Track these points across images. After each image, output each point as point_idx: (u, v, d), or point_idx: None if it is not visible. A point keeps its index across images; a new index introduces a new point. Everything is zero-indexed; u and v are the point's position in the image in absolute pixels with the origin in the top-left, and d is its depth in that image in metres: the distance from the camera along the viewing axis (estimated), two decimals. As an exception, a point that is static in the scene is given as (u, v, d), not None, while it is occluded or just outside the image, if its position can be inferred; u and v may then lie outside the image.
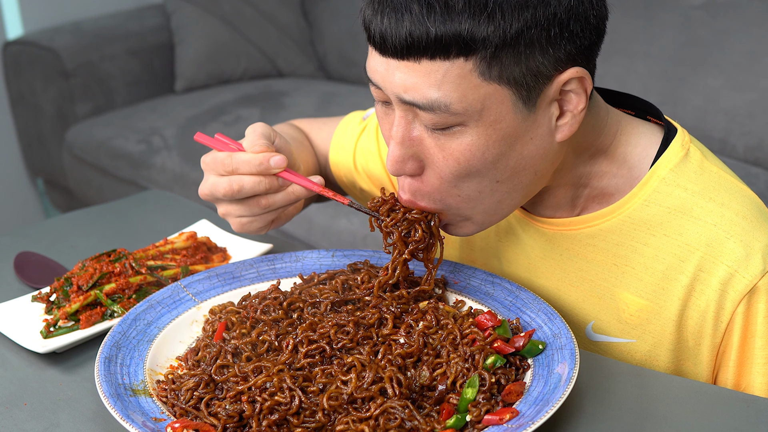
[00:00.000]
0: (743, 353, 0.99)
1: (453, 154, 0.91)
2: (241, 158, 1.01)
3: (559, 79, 0.90)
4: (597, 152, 1.02)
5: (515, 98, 0.89)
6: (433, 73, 0.87)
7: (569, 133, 0.94)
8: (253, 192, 1.02)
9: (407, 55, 0.88)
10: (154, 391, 0.93)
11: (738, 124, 2.48)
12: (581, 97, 0.93)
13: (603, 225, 1.03)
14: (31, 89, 3.22)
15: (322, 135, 1.32)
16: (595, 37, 0.93)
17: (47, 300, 1.13)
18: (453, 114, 0.89)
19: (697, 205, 0.99)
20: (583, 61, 0.92)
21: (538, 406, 0.85)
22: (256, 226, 1.06)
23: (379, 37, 0.89)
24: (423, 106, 0.89)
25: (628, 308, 1.03)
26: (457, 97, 0.88)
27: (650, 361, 1.04)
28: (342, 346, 0.94)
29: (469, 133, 0.90)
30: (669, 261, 1.00)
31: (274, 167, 1.01)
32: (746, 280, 0.96)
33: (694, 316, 1.00)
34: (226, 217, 1.07)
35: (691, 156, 1.02)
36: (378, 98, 0.96)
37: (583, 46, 0.91)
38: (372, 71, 0.93)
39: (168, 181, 2.85)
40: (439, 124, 0.90)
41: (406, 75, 0.89)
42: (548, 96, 0.91)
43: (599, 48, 0.95)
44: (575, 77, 0.91)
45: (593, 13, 0.91)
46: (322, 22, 3.43)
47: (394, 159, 0.94)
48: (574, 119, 0.93)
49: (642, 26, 2.65)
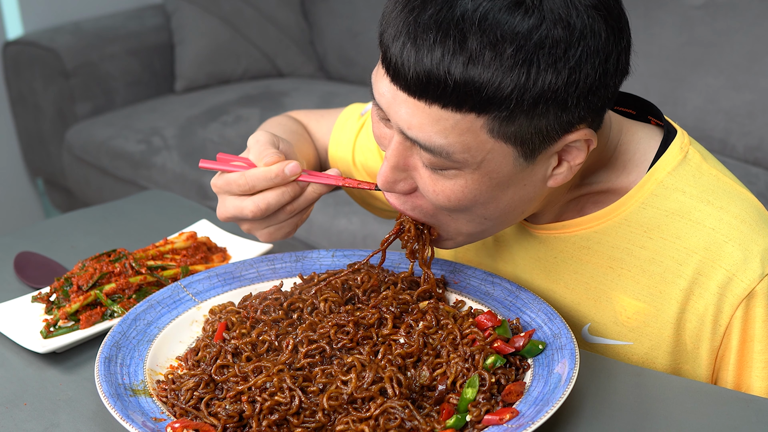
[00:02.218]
0: (742, 357, 0.99)
1: (444, 191, 0.91)
2: (255, 175, 0.99)
3: (566, 139, 0.89)
4: (599, 166, 1.02)
5: (517, 155, 0.88)
6: (441, 121, 0.85)
7: (562, 182, 0.93)
8: (279, 205, 1.00)
9: (419, 95, 0.84)
10: (154, 391, 0.93)
11: (738, 124, 2.48)
12: (582, 153, 0.91)
13: (598, 227, 1.03)
14: (31, 89, 3.22)
15: (321, 128, 1.31)
16: (611, 97, 0.90)
17: (47, 300, 1.13)
18: (452, 161, 0.87)
19: (695, 208, 0.99)
20: (593, 119, 0.90)
21: (538, 406, 0.85)
22: (284, 232, 1.05)
23: (393, 65, 0.85)
24: (424, 147, 0.88)
25: (625, 311, 1.03)
26: (460, 148, 0.86)
27: (647, 364, 1.04)
28: (342, 346, 0.94)
29: (463, 177, 0.89)
30: (667, 264, 1.00)
31: (290, 175, 0.99)
32: (744, 284, 0.96)
33: (693, 320, 0.99)
34: (252, 232, 1.05)
35: (690, 159, 1.01)
36: (378, 115, 0.94)
37: (595, 108, 0.89)
38: (378, 93, 0.90)
39: (168, 181, 2.85)
40: (436, 165, 0.89)
41: (413, 112, 0.86)
42: (550, 152, 0.90)
43: (612, 106, 0.93)
44: (582, 138, 0.90)
45: (615, 80, 0.88)
46: (322, 22, 3.43)
47: (385, 179, 0.93)
48: (570, 171, 0.93)
49: (642, 26, 2.64)
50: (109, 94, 3.24)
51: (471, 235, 0.99)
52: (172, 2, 3.31)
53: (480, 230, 0.97)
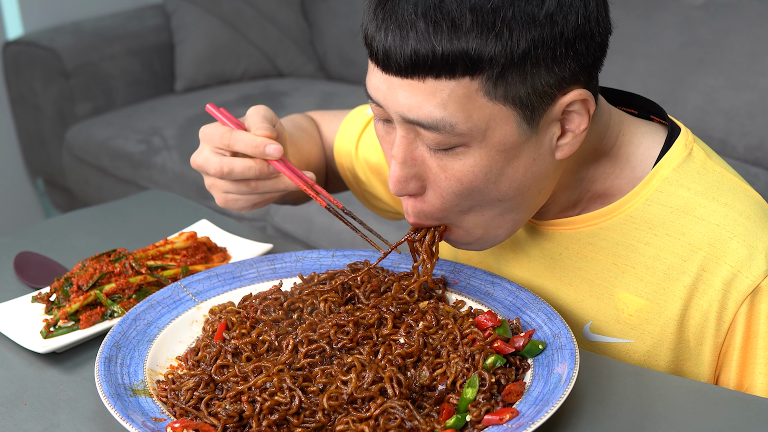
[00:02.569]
0: (746, 353, 0.99)
1: (455, 174, 0.91)
2: (239, 137, 1.02)
3: (563, 101, 0.90)
4: (600, 155, 1.02)
5: (519, 119, 0.89)
6: (438, 93, 0.86)
7: (569, 153, 0.94)
8: (242, 176, 1.02)
9: (412, 74, 0.86)
10: (154, 391, 0.93)
11: (738, 124, 2.48)
12: (584, 118, 0.92)
13: (603, 224, 1.03)
14: (31, 89, 3.22)
15: (332, 127, 1.34)
16: (599, 54, 0.92)
17: (47, 300, 1.13)
18: (457, 134, 0.88)
19: (700, 204, 0.99)
20: (586, 78, 0.91)
21: (538, 406, 0.85)
22: (240, 205, 1.07)
23: (382, 55, 0.87)
24: (427, 126, 0.88)
25: (627, 308, 1.03)
26: (462, 117, 0.87)
27: (649, 362, 1.04)
28: (342, 346, 0.94)
29: (471, 153, 0.89)
30: (671, 261, 1.00)
31: (269, 154, 1.01)
32: (749, 281, 0.96)
33: (696, 316, 1.00)
34: (210, 189, 1.07)
35: (695, 156, 1.01)
36: (379, 116, 0.95)
37: (586, 63, 0.90)
38: (373, 89, 0.91)
39: (168, 181, 2.85)
40: (443, 144, 0.89)
41: (409, 94, 0.87)
42: (551, 116, 0.91)
43: (602, 63, 0.94)
44: (578, 99, 0.91)
45: (598, 30, 0.90)
46: (322, 22, 3.43)
47: (396, 179, 0.93)
48: (575, 139, 0.93)
49: (642, 26, 2.64)
50: (109, 94, 3.24)
51: (489, 226, 0.97)
52: (172, 2, 3.31)
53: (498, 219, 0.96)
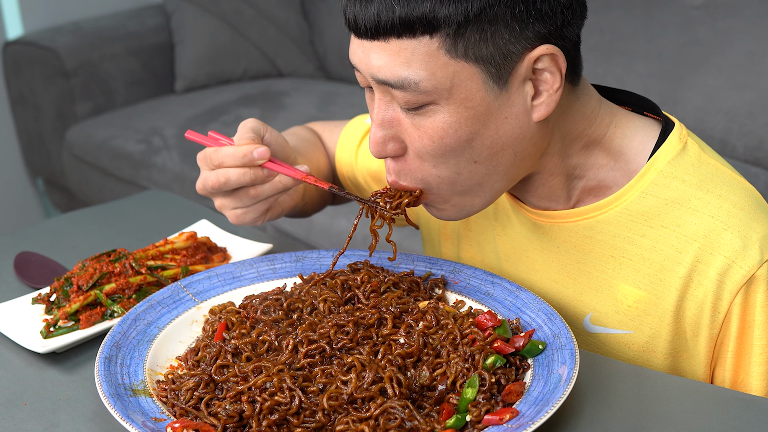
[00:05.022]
0: (741, 343, 1.00)
1: (427, 132, 0.93)
2: (225, 152, 1.04)
3: (530, 57, 0.91)
4: (590, 143, 1.02)
5: (485, 76, 0.91)
6: (402, 52, 0.90)
7: (546, 113, 0.94)
8: (239, 183, 1.04)
9: (377, 35, 0.91)
10: (154, 391, 0.93)
11: (738, 124, 2.48)
12: (556, 76, 0.93)
13: (600, 217, 1.04)
14: (31, 89, 3.22)
15: (333, 137, 1.37)
16: (570, 16, 0.93)
17: (47, 300, 1.13)
18: (423, 92, 0.91)
19: (694, 196, 1.00)
20: (557, 40, 0.92)
21: (538, 406, 0.85)
22: (251, 217, 1.09)
23: (352, 21, 0.93)
24: (394, 84, 0.92)
25: (626, 299, 1.04)
26: (425, 75, 0.90)
27: (647, 353, 1.04)
28: (342, 346, 0.94)
29: (441, 111, 0.92)
30: (666, 252, 1.01)
31: (257, 158, 1.03)
32: (744, 271, 0.97)
33: (692, 307, 1.00)
34: (221, 210, 1.10)
35: (689, 149, 1.02)
36: (362, 83, 0.99)
37: (554, 26, 0.91)
38: (352, 54, 0.97)
39: (168, 181, 2.85)
40: (412, 103, 0.92)
41: (378, 55, 0.92)
42: (520, 74, 0.92)
43: (578, 28, 0.95)
44: (546, 54, 0.91)
45: None
46: (322, 22, 3.43)
47: (375, 141, 0.97)
48: (551, 98, 0.94)
49: (642, 26, 2.65)
50: (109, 94, 3.24)
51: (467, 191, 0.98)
52: (172, 2, 3.31)
53: (475, 183, 0.97)
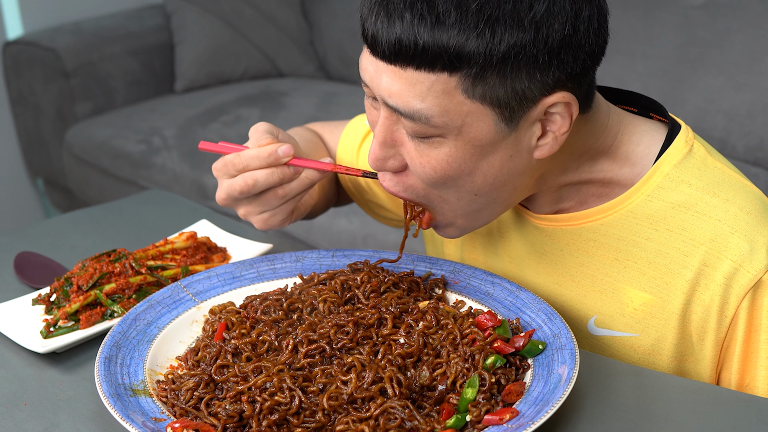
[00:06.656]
0: (747, 347, 0.99)
1: (431, 162, 0.92)
2: (249, 154, 1.02)
3: (544, 102, 0.90)
4: (598, 154, 1.02)
5: (497, 118, 0.89)
6: (418, 84, 0.88)
7: (548, 153, 0.94)
8: (268, 184, 1.02)
9: (395, 61, 0.88)
10: (154, 391, 0.93)
11: (738, 124, 2.48)
12: (566, 121, 0.92)
13: (604, 220, 1.04)
14: (31, 89, 3.22)
15: (334, 138, 1.35)
16: (590, 63, 0.92)
17: (47, 300, 1.13)
18: (432, 126, 0.89)
19: (701, 200, 1.00)
20: (573, 85, 0.91)
21: (538, 406, 0.85)
22: (278, 219, 1.07)
23: (370, 38, 0.90)
24: (404, 114, 0.90)
25: (631, 302, 1.04)
26: (438, 111, 0.88)
27: (653, 356, 1.04)
28: (342, 346, 0.94)
29: (447, 144, 0.91)
30: (672, 256, 1.00)
31: (283, 156, 1.01)
32: (750, 275, 0.96)
33: (699, 311, 1.00)
34: (247, 218, 1.07)
35: (695, 152, 1.02)
36: (368, 94, 0.98)
37: (573, 72, 0.90)
38: (363, 69, 0.94)
39: (168, 181, 2.85)
40: (419, 132, 0.91)
41: (392, 80, 0.89)
42: (531, 117, 0.91)
43: (593, 72, 0.94)
44: (561, 102, 0.91)
45: (589, 41, 0.90)
46: (322, 22, 3.43)
47: (375, 157, 0.95)
48: (556, 141, 0.93)
49: (642, 26, 2.64)
50: (109, 94, 3.24)
51: (467, 215, 0.98)
52: (172, 2, 3.31)
53: (474, 209, 0.97)
